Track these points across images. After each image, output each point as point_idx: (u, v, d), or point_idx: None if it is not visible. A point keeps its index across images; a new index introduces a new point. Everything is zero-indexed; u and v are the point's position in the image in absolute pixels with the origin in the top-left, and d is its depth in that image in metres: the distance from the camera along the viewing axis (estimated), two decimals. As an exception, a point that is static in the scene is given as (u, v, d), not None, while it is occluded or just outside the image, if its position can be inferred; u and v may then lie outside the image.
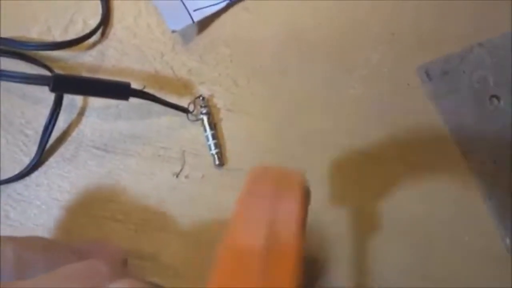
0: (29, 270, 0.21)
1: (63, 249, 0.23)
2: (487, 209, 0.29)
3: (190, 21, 0.32)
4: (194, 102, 0.32)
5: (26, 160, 0.32)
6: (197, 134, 0.32)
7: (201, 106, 0.32)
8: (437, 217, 0.29)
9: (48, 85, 0.27)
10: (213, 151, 0.31)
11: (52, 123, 0.31)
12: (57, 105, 0.31)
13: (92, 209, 0.31)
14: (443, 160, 0.30)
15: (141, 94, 0.30)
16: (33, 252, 0.22)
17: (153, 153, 0.32)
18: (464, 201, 0.29)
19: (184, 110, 0.31)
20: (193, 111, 0.32)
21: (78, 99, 0.33)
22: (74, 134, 0.32)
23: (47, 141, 0.31)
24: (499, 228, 0.29)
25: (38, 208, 0.31)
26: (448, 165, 0.30)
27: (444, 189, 0.30)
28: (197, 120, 0.32)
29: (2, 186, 0.32)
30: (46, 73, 0.32)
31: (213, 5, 0.33)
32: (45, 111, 0.31)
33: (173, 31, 0.32)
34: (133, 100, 0.30)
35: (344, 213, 0.30)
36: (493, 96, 0.30)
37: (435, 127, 0.31)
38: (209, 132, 0.31)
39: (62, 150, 0.32)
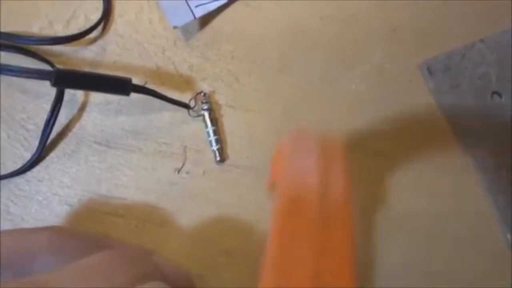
0: (64, 256, 0.21)
1: (87, 238, 0.23)
2: (488, 205, 0.29)
3: (192, 17, 0.32)
4: (195, 98, 0.32)
5: (27, 155, 0.32)
6: (199, 130, 0.32)
7: (202, 102, 0.32)
8: (438, 213, 0.29)
9: (49, 79, 0.27)
10: (214, 147, 0.31)
11: (53, 118, 0.31)
12: (58, 100, 0.31)
13: (93, 204, 0.31)
14: (445, 155, 0.30)
15: (143, 90, 0.30)
16: (66, 238, 0.22)
17: (154, 148, 0.32)
18: (465, 197, 0.29)
19: (186, 106, 0.31)
20: (194, 107, 0.32)
21: (79, 95, 0.33)
22: (75, 129, 0.32)
23: (48, 136, 0.31)
24: (500, 224, 0.29)
25: (39, 203, 0.31)
26: (449, 161, 0.30)
27: (445, 184, 0.30)
28: (199, 116, 0.32)
29: (3, 181, 0.31)
30: (48, 67, 0.32)
31: (215, 1, 0.33)
32: (46, 106, 0.31)
33: (175, 27, 0.32)
34: (134, 95, 0.30)
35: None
36: (495, 92, 0.30)
37: (436, 123, 0.31)
38: (210, 128, 0.31)
39: (63, 145, 0.32)
